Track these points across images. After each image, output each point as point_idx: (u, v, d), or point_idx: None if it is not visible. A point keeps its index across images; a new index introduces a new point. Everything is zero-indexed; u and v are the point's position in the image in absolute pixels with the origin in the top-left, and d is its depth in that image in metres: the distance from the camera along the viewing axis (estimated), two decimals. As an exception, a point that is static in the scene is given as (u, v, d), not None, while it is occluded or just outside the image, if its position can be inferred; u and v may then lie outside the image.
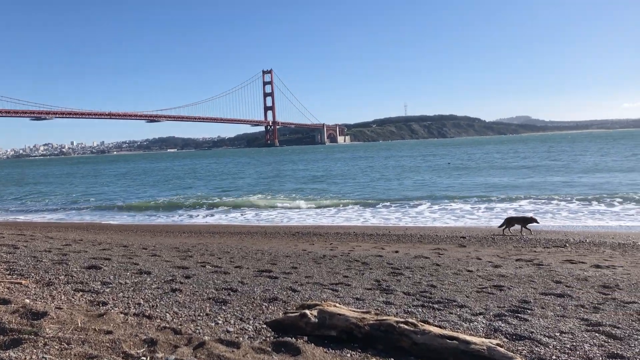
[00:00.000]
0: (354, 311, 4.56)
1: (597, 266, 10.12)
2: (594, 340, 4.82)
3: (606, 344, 4.74)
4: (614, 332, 5.14)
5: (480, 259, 11.11)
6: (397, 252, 12.47)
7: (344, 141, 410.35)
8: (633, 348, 4.63)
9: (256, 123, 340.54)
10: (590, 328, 5.28)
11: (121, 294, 6.24)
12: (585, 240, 14.64)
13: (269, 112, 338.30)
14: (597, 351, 4.52)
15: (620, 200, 24.02)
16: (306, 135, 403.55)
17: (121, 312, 5.20)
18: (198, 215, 26.67)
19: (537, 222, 16.79)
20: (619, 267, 10.01)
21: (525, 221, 16.80)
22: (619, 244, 13.90)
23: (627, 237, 15.04)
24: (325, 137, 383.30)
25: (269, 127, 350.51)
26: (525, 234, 16.42)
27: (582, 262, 10.71)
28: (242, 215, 26.16)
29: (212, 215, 26.63)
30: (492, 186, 34.23)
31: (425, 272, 9.19)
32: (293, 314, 4.57)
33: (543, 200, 25.39)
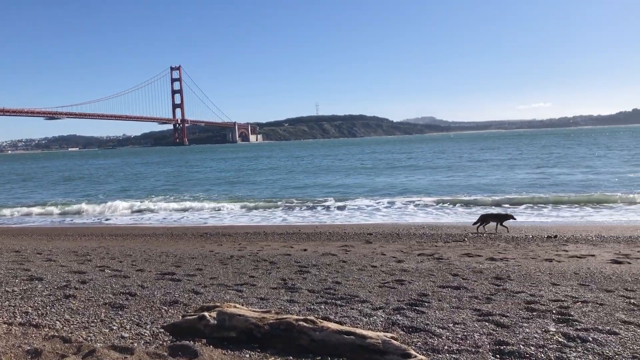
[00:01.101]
0: (255, 311, 4.53)
1: (492, 259, 10.71)
2: (484, 330, 5.09)
3: (494, 332, 5.02)
4: (502, 320, 5.45)
5: (384, 255, 11.42)
6: (305, 250, 12.55)
7: (256, 140, 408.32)
8: (517, 335, 4.93)
9: (164, 121, 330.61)
10: (482, 318, 5.57)
11: (7, 302, 5.82)
12: (482, 235, 15.44)
13: (178, 110, 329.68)
14: (486, 339, 4.78)
15: (498, 198, 25.62)
16: (217, 134, 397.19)
17: (4, 322, 4.85)
18: (100, 217, 25.47)
19: (514, 219, 16.59)
20: (511, 260, 10.64)
21: (501, 218, 16.43)
22: (513, 237, 14.78)
23: (521, 231, 16.04)
24: (237, 136, 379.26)
25: (177, 125, 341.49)
26: (501, 231, 16.08)
27: (479, 256, 11.29)
28: (147, 216, 25.29)
29: (115, 217, 25.53)
30: (399, 185, 35.38)
31: (331, 269, 9.32)
32: (191, 317, 4.45)
33: (448, 198, 26.56)
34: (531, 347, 4.51)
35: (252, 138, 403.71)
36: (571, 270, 9.11)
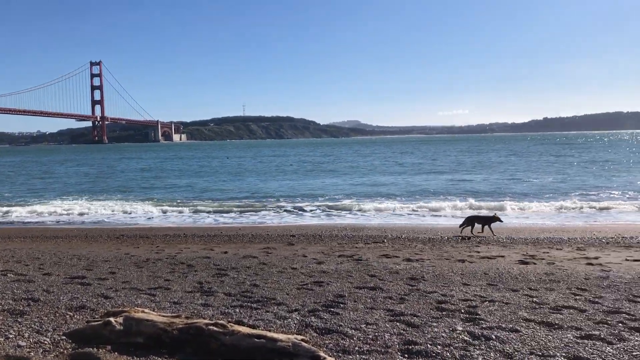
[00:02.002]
0: (164, 316, 4.40)
1: (409, 260, 11.00)
2: (394, 330, 5.21)
3: (404, 332, 5.16)
4: (412, 320, 5.61)
5: (306, 257, 11.46)
6: (226, 252, 12.37)
7: (180, 139, 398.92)
8: (426, 334, 5.09)
9: (82, 118, 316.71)
10: (394, 318, 5.71)
11: None
12: (402, 236, 15.85)
13: (97, 107, 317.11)
14: (396, 339, 4.90)
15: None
16: (139, 133, 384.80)
17: None
18: (5, 217, 23.95)
19: (501, 221, 16.33)
20: (426, 260, 10.97)
21: (487, 220, 16.31)
22: (429, 238, 15.27)
23: (436, 233, 16.58)
24: (160, 135, 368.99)
25: (96, 122, 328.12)
26: (486, 233, 15.90)
27: (396, 256, 11.57)
28: (61, 217, 24.06)
29: (24, 217, 24.10)
30: (324, 187, 35.71)
31: (250, 271, 9.24)
32: (96, 323, 4.27)
33: (379, 199, 27.06)
34: (438, 346, 4.67)
35: (176, 137, 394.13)
36: (482, 270, 9.50)
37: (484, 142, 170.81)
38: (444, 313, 6.05)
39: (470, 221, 16.34)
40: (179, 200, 28.89)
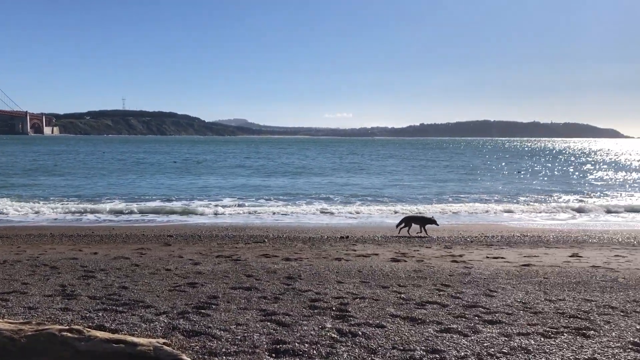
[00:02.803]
0: (11, 323, 4.03)
1: (287, 259, 11.07)
2: (264, 329, 5.20)
3: (274, 331, 5.16)
4: (284, 319, 5.63)
5: (182, 257, 11.12)
6: (96, 253, 11.67)
7: (52, 132, 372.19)
8: (295, 333, 5.13)
9: None
10: (265, 318, 5.69)
11: None
12: (283, 236, 15.93)
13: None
14: (264, 339, 4.88)
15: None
16: (4, 124, 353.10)
17: None
18: None
19: (437, 225, 16.49)
20: (305, 259, 11.10)
21: (424, 221, 16.45)
22: (310, 238, 15.49)
23: (317, 232, 16.88)
24: (29, 127, 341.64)
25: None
26: (423, 234, 16.03)
27: (276, 256, 11.59)
28: None
29: None
30: (202, 186, 35.04)
31: (120, 273, 8.78)
32: None
33: (252, 200, 26.93)
34: (305, 345, 4.72)
35: (47, 130, 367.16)
36: (356, 268, 9.79)
37: (369, 144, 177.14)
38: (316, 311, 6.13)
39: (407, 221, 16.59)
40: (44, 198, 26.83)
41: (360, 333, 5.15)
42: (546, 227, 19.17)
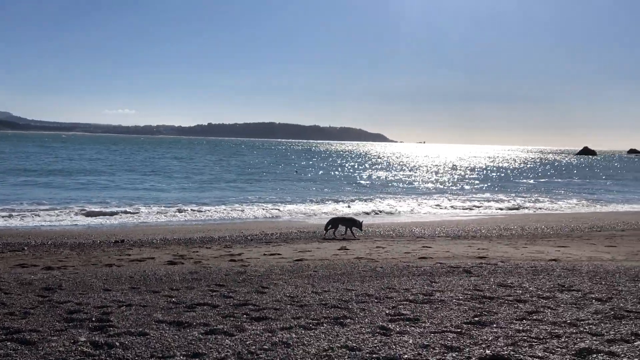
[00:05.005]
0: None
1: (49, 268, 10.02)
2: (1, 351, 4.53)
3: (14, 352, 4.52)
4: (29, 337, 4.98)
5: None
6: None
7: None
8: (39, 351, 4.57)
9: None
10: (6, 337, 4.97)
11: None
12: (47, 242, 14.37)
13: None
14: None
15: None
16: None
17: None
18: None
19: (361, 230, 16.33)
20: (70, 267, 10.16)
21: (351, 223, 16.39)
22: (79, 244, 14.23)
23: (88, 236, 15.58)
24: None
25: None
26: (349, 236, 16.00)
27: (35, 265, 10.43)
28: None
29: None
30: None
31: None
32: None
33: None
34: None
35: None
36: (128, 274, 9.20)
37: (154, 143, 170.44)
38: (71, 324, 5.56)
39: (334, 223, 16.50)
40: None
41: (118, 344, 4.78)
42: (322, 223, 20.45)
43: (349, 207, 25.78)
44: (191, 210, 22.87)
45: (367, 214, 23.61)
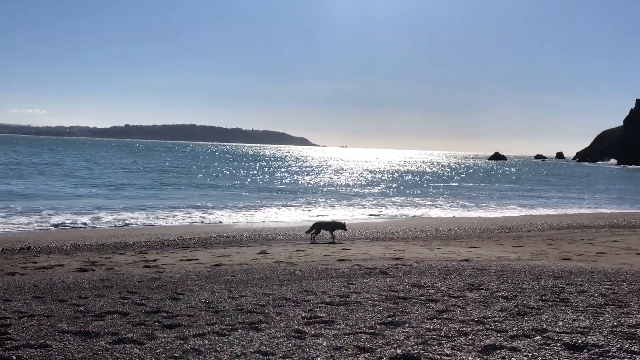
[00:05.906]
0: None
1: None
2: None
3: None
4: None
5: None
6: None
7: None
8: None
9: None
10: None
11: None
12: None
13: None
14: None
15: None
16: None
17: None
18: None
19: (345, 230, 16.56)
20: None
21: (333, 226, 16.50)
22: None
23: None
24: None
25: None
26: (332, 238, 16.13)
27: None
28: None
29: None
30: None
31: None
32: None
33: None
34: None
35: None
36: (32, 283, 8.67)
37: (65, 144, 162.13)
38: (-37, 339, 5.16)
39: (317, 227, 16.33)
40: None
41: (14, 358, 4.48)
42: (241, 227, 20.25)
43: (277, 211, 25.73)
44: (104, 215, 21.95)
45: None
